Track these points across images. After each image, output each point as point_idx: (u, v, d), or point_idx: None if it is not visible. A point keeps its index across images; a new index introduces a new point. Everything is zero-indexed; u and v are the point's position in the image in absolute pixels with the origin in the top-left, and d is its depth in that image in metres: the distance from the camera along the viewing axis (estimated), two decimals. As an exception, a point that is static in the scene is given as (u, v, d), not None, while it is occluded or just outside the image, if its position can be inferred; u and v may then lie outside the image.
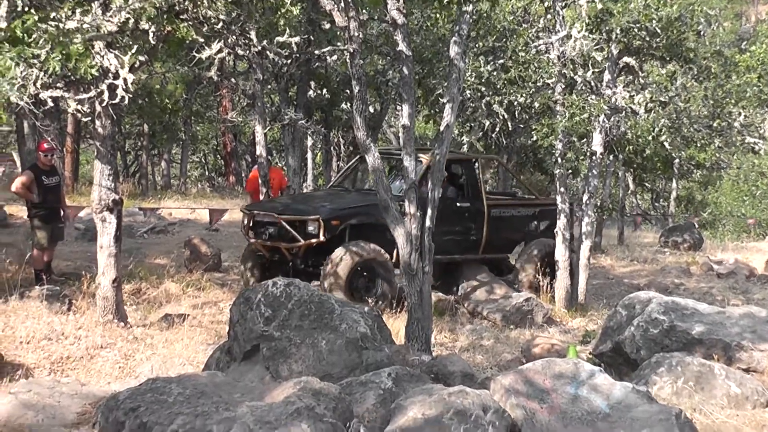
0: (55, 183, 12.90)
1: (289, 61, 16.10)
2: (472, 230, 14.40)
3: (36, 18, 7.75)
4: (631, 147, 15.16)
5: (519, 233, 15.24)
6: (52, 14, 8.05)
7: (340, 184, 15.30)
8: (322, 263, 12.58)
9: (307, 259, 13.00)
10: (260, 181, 16.65)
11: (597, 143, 14.12)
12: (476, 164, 14.87)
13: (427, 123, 23.90)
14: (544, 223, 15.42)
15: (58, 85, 8.86)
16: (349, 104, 17.39)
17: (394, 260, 13.13)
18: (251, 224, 13.41)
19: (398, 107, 22.59)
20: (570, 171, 15.36)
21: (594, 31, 13.38)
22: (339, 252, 12.47)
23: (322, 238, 12.63)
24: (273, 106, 21.22)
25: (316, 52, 14.93)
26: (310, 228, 12.70)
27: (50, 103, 8.90)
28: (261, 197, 16.30)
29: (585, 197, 14.64)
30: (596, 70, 13.91)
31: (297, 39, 10.14)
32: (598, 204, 17.02)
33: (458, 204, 14.17)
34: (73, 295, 11.51)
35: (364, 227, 13.13)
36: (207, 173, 42.10)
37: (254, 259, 13.66)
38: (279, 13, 11.29)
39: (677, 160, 27.55)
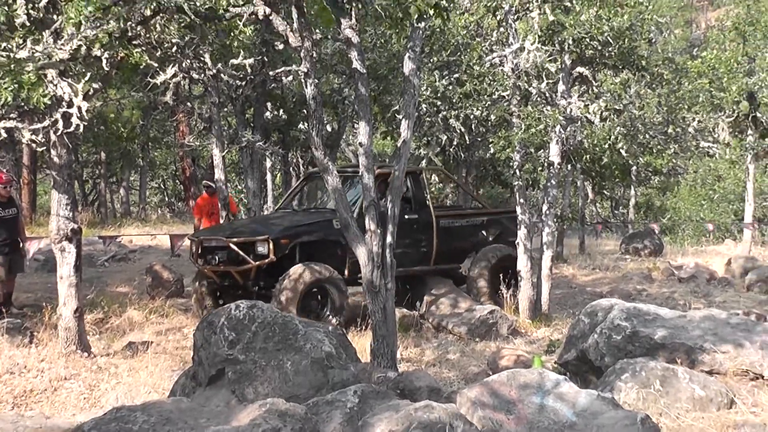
0: (12, 215, 12.77)
1: (244, 83, 16.06)
2: (423, 242, 14.42)
3: (-14, 48, 7.70)
4: (588, 156, 15.31)
5: (469, 243, 15.22)
6: (3, 44, 7.99)
7: (286, 206, 15.32)
8: (274, 285, 12.53)
9: (259, 280, 12.91)
10: (220, 205, 16.58)
11: (554, 153, 14.20)
12: (421, 176, 14.87)
13: (384, 139, 23.97)
14: (493, 232, 15.50)
15: (12, 115, 8.81)
16: (306, 124, 17.38)
17: (346, 275, 13.29)
18: (200, 251, 13.27)
19: (355, 125, 22.64)
20: (529, 182, 15.41)
21: (546, 42, 13.48)
22: (290, 273, 12.43)
23: (272, 257, 12.56)
24: (230, 129, 21.12)
25: (271, 73, 14.91)
26: (260, 249, 12.62)
27: (4, 134, 8.83)
28: (221, 221, 16.24)
29: (545, 207, 14.70)
30: (550, 81, 14.01)
31: (251, 61, 10.17)
32: (558, 214, 17.14)
33: (406, 216, 14.10)
34: (35, 327, 11.38)
35: (313, 245, 13.14)
36: (167, 199, 41.89)
37: (205, 286, 13.54)
38: (232, 35, 11.30)
39: (635, 167, 27.91)
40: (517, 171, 14.41)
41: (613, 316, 9.00)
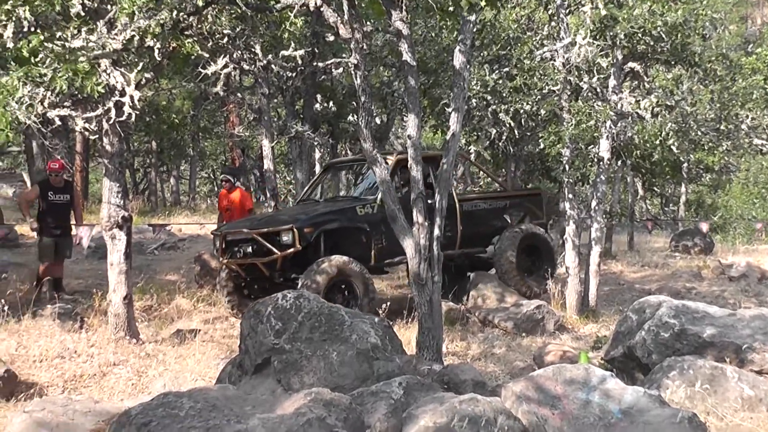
0: (64, 201, 12.98)
1: (294, 75, 16.13)
2: (447, 227, 14.30)
3: (42, 38, 7.80)
4: (638, 152, 15.15)
5: (492, 226, 15.14)
6: (58, 34, 8.10)
7: (308, 197, 15.18)
8: (299, 275, 12.47)
9: (285, 271, 12.86)
10: (269, 195, 16.63)
11: (604, 149, 14.10)
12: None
13: (434, 133, 23.92)
14: (517, 214, 15.46)
15: (66, 103, 8.92)
16: (355, 116, 17.41)
17: (372, 263, 13.25)
18: (224, 245, 13.27)
19: (404, 118, 22.64)
20: (578, 178, 15.31)
21: (598, 37, 13.39)
22: (314, 266, 12.34)
23: (298, 246, 12.48)
24: (280, 120, 21.25)
25: (321, 64, 14.95)
26: (285, 238, 12.55)
27: (58, 122, 8.97)
28: (271, 210, 16.25)
29: (594, 203, 14.62)
30: (601, 76, 13.91)
31: (301, 52, 10.20)
32: (608, 210, 17.01)
33: (429, 202, 14.06)
34: (85, 313, 11.54)
35: (337, 233, 13.10)
36: (216, 189, 42.13)
37: (231, 280, 13.45)
38: (283, 26, 11.35)
39: (686, 164, 27.60)
40: (567, 166, 14.33)
41: (661, 313, 8.92)
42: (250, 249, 12.91)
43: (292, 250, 12.51)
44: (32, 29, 8.16)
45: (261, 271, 12.85)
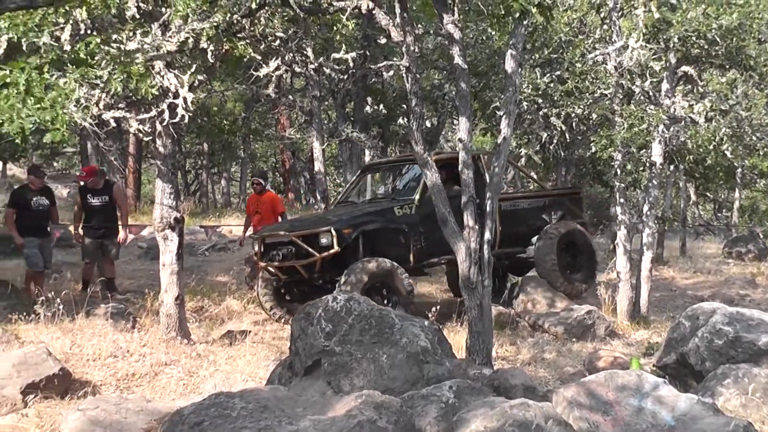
0: (102, 203, 13.15)
1: (345, 77, 16.16)
2: None
3: (98, 40, 7.89)
4: (691, 157, 14.99)
5: (532, 225, 14.95)
6: (114, 36, 8.19)
7: (345, 199, 15.09)
8: (339, 277, 12.39)
9: (324, 273, 12.76)
10: (319, 197, 16.65)
11: (657, 154, 13.97)
12: (480, 161, 14.38)
13: (483, 136, 23.84)
14: (556, 214, 15.31)
15: (120, 105, 9.02)
16: (405, 119, 17.43)
17: (411, 263, 13.15)
18: (262, 249, 13.21)
19: (455, 121, 22.60)
20: (630, 182, 15.18)
21: (651, 40, 13.26)
22: (351, 269, 12.25)
23: (336, 248, 12.40)
24: (330, 123, 21.37)
25: (372, 67, 14.96)
26: (324, 240, 12.48)
27: (112, 124, 9.06)
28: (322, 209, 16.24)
29: (645, 208, 14.49)
30: (654, 79, 13.77)
31: (353, 55, 10.19)
32: (659, 215, 16.84)
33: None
34: (137, 313, 11.65)
35: (376, 234, 12.98)
36: (272, 190, 42.30)
37: (269, 283, 13.38)
38: (335, 29, 11.38)
39: (740, 169, 27.21)
40: (618, 170, 14.21)
41: (715, 320, 8.81)
42: (288, 252, 12.86)
43: (331, 251, 12.43)
44: (89, 32, 8.27)
45: (300, 273, 12.78)
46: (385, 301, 12.34)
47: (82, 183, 13.30)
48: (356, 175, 15.81)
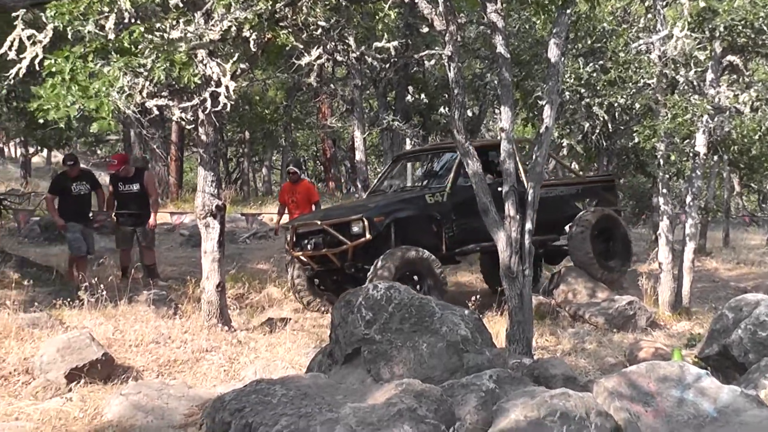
0: (134, 191, 13.30)
1: (387, 66, 16.15)
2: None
3: (142, 29, 7.94)
4: (736, 147, 14.85)
5: (565, 213, 14.81)
6: (157, 25, 8.25)
7: (377, 189, 14.98)
8: (371, 265, 12.34)
9: (356, 262, 12.68)
10: (360, 186, 16.65)
11: (701, 144, 13.84)
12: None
13: (525, 126, 23.73)
14: (589, 202, 15.18)
15: (163, 93, 9.08)
16: (447, 108, 17.38)
17: (443, 252, 13.07)
18: (294, 238, 13.18)
19: (496, 111, 22.52)
20: (673, 173, 15.06)
21: (696, 29, 13.13)
22: (383, 258, 12.16)
23: (368, 236, 12.35)
24: (371, 111, 21.37)
25: (415, 56, 14.94)
26: (355, 229, 12.44)
27: (155, 112, 9.12)
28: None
29: (688, 199, 14.36)
30: (699, 69, 13.63)
31: (395, 44, 10.17)
32: (703, 206, 16.69)
33: (498, 189, 13.81)
34: (179, 300, 11.74)
35: (407, 222, 12.90)
36: (307, 179, 42.42)
37: (300, 273, 13.36)
38: (377, 18, 11.37)
39: (786, 160, 26.85)
40: (661, 161, 14.10)
41: (759, 312, 8.71)
42: (320, 240, 12.84)
43: (362, 240, 12.40)
44: (133, 20, 8.32)
45: (332, 262, 12.76)
46: (417, 289, 12.35)
47: (116, 171, 13.38)
48: (388, 165, 15.79)
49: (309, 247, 12.96)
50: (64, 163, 13.27)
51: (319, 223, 12.85)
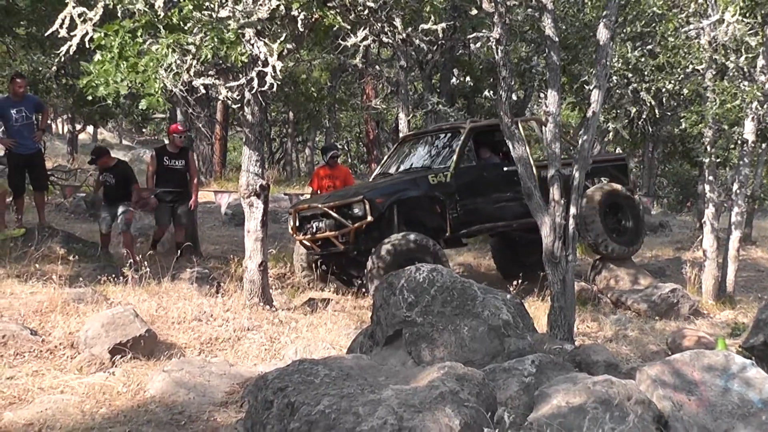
0: (178, 166, 13.30)
1: (433, 48, 16.09)
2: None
3: (191, 6, 7.97)
4: (785, 135, 14.64)
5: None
6: (206, 3, 8.27)
7: (383, 171, 14.76)
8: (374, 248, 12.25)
9: (360, 244, 12.51)
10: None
11: (749, 131, 13.68)
12: (518, 127, 13.95)
13: (572, 111, 23.58)
14: (600, 180, 14.80)
15: (210, 72, 9.11)
16: (491, 92, 17.32)
17: (448, 234, 12.98)
18: (297, 223, 13.13)
19: (541, 95, 22.41)
20: (720, 160, 14.90)
21: (748, 15, 12.96)
22: (383, 245, 12.03)
23: (369, 218, 12.22)
24: (416, 94, 21.31)
25: (468, 37, 14.83)
26: (356, 210, 12.33)
27: (202, 91, 9.16)
28: None
29: (735, 187, 14.22)
30: (750, 55, 13.46)
31: (442, 25, 10.13)
32: (749, 194, 16.50)
33: (505, 169, 13.52)
34: (221, 278, 11.81)
35: (410, 203, 12.76)
36: (349, 160, 42.52)
37: (306, 258, 13.33)
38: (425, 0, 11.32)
39: (835, 149, 26.45)
40: (708, 147, 13.95)
41: (805, 302, 8.61)
42: (323, 224, 12.75)
43: (364, 221, 12.28)
44: (181, -1, 8.36)
45: (335, 245, 12.64)
46: None
47: (179, 137, 13.42)
48: (394, 147, 15.68)
49: (312, 230, 12.91)
50: (95, 157, 13.23)
51: (320, 206, 12.77)
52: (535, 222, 13.55)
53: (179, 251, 12.70)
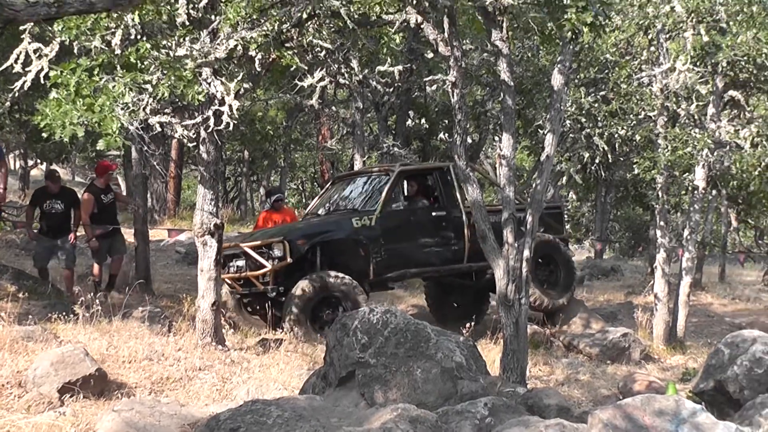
0: (111, 201, 13.19)
1: (390, 90, 16.17)
2: (452, 240, 13.65)
3: (148, 45, 7.97)
4: (735, 182, 14.85)
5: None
6: (164, 42, 8.28)
7: (312, 211, 14.77)
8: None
9: (279, 285, 12.40)
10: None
11: (700, 178, 13.87)
12: (449, 173, 13.83)
13: (529, 155, 23.79)
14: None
15: (166, 110, 9.09)
16: (446, 134, 17.42)
17: (371, 277, 12.89)
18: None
19: (496, 138, 22.59)
20: (672, 205, 15.09)
21: (699, 63, 13.20)
22: (299, 284, 12.06)
23: (289, 259, 12.22)
24: (371, 135, 21.42)
25: (425, 80, 14.94)
26: (276, 252, 12.28)
27: (158, 129, 9.14)
28: None
29: (686, 232, 14.40)
30: (700, 103, 13.69)
31: (399, 68, 10.21)
32: (699, 240, 16.72)
33: (434, 214, 13.65)
34: (173, 317, 11.70)
35: (333, 246, 12.76)
36: (304, 200, 42.46)
37: (231, 296, 13.13)
38: (382, 42, 11.43)
39: (784, 197, 26.87)
40: (660, 193, 14.13)
41: (755, 349, 8.68)
42: (243, 263, 12.67)
43: (283, 263, 12.25)
44: (139, 37, 8.36)
45: (255, 285, 12.55)
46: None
47: (110, 174, 13.38)
48: (324, 188, 15.67)
49: (233, 269, 12.81)
50: (48, 179, 13.13)
51: (240, 245, 12.69)
52: (462, 267, 13.65)
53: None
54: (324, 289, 12.16)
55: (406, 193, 13.51)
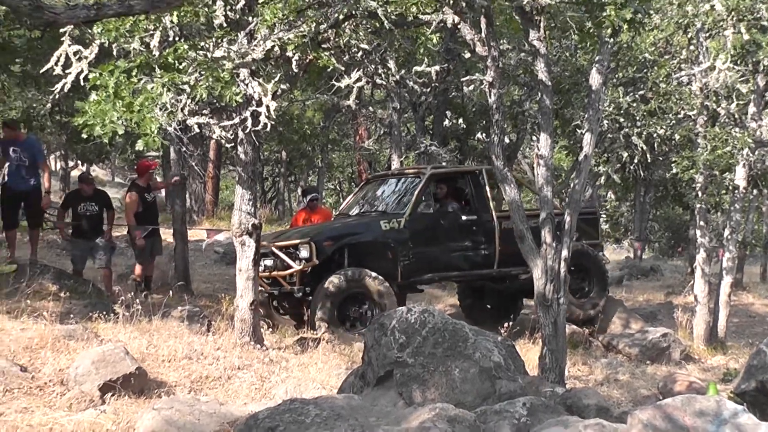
0: (153, 200, 13.40)
1: (427, 90, 16.16)
2: (482, 244, 13.57)
3: (186, 46, 8.03)
4: (776, 181, 14.72)
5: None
6: (201, 43, 8.33)
7: (344, 212, 14.71)
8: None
9: (306, 285, 12.46)
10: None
11: (740, 177, 13.74)
12: (481, 176, 13.82)
13: (567, 156, 23.67)
14: None
15: (204, 111, 9.15)
16: (484, 134, 17.38)
17: (399, 280, 12.82)
18: None
19: (533, 138, 22.51)
20: (711, 205, 14.97)
21: (739, 62, 13.08)
22: (325, 283, 12.12)
23: (315, 260, 12.24)
24: (409, 135, 21.40)
25: (463, 80, 14.92)
26: (303, 253, 12.30)
27: (196, 129, 9.20)
28: None
29: (726, 232, 14.27)
30: (741, 102, 13.57)
31: (436, 68, 10.21)
32: (740, 240, 16.56)
33: (463, 218, 13.59)
34: (212, 317, 11.77)
35: (361, 247, 12.75)
36: (341, 200, 42.50)
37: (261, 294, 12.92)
38: (419, 42, 11.42)
39: (825, 196, 26.58)
40: (700, 193, 14.02)
41: (797, 348, 8.60)
42: (271, 262, 12.68)
43: (310, 264, 12.30)
44: (177, 38, 8.42)
45: (283, 285, 12.60)
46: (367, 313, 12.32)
47: (152, 171, 13.59)
48: (357, 188, 15.71)
49: (261, 268, 12.64)
50: (81, 182, 13.29)
51: (268, 244, 12.65)
52: (492, 273, 13.55)
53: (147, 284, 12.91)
54: (352, 287, 12.20)
55: (436, 196, 13.51)
